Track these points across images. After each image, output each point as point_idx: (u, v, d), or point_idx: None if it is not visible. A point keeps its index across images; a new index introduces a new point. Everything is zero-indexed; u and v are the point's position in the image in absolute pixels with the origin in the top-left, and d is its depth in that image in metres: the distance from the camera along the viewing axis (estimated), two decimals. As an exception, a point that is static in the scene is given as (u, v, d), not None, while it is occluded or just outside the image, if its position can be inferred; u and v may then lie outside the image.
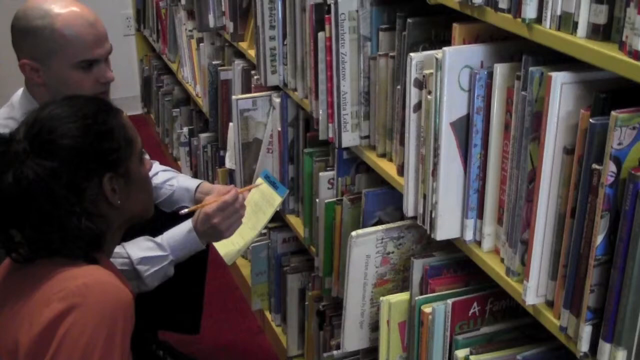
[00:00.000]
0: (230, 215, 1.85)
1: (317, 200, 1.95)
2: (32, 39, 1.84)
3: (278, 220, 2.36)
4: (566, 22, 1.06)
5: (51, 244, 1.42)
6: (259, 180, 2.02)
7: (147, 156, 1.63)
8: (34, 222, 1.41)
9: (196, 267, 2.35)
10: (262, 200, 1.97)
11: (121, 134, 1.51)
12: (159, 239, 1.84)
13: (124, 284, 1.45)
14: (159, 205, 2.26)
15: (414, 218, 1.49)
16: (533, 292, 1.22)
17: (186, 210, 1.85)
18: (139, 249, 1.81)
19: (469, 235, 1.39)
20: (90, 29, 1.87)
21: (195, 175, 3.39)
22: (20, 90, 1.98)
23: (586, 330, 1.10)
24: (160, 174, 2.28)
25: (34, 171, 1.38)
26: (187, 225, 1.86)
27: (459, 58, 1.28)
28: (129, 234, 1.72)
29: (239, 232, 1.97)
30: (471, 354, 1.38)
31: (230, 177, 2.77)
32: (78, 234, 1.41)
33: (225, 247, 1.99)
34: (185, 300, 2.41)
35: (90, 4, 1.91)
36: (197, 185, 2.19)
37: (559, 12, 1.07)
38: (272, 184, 1.96)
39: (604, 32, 1.02)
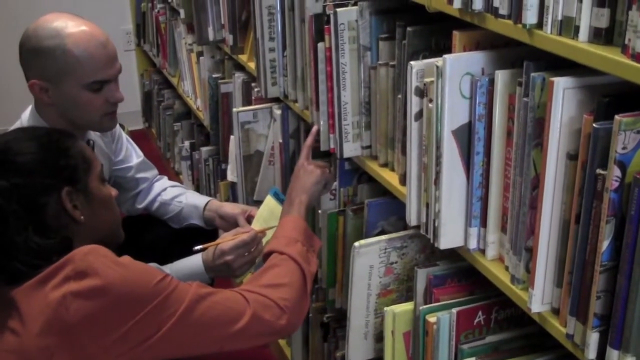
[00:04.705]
0: (244, 255, 1.85)
1: (319, 211, 1.95)
2: (42, 59, 1.81)
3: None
4: (567, 26, 1.06)
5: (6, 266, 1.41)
6: (267, 198, 2.01)
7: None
8: None
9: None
10: (270, 217, 1.96)
11: (77, 152, 1.53)
12: (167, 268, 1.83)
13: None
14: (168, 221, 2.26)
15: (417, 227, 1.48)
16: (538, 299, 1.21)
17: (200, 247, 1.85)
18: None
19: (472, 244, 1.38)
20: (101, 49, 1.84)
21: (197, 189, 3.38)
22: (29, 109, 1.97)
23: (593, 338, 1.09)
24: (169, 190, 2.28)
25: None
26: (197, 259, 1.86)
27: (459, 65, 1.28)
28: (141, 249, 1.72)
29: None
30: (477, 363, 1.37)
31: (232, 190, 2.76)
32: (27, 249, 1.39)
33: None
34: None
35: (90, 19, 1.89)
36: (205, 203, 2.20)
37: (560, 17, 1.06)
38: (281, 201, 1.96)
39: (606, 35, 1.01)
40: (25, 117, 1.95)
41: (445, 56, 1.27)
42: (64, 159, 1.50)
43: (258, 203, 2.10)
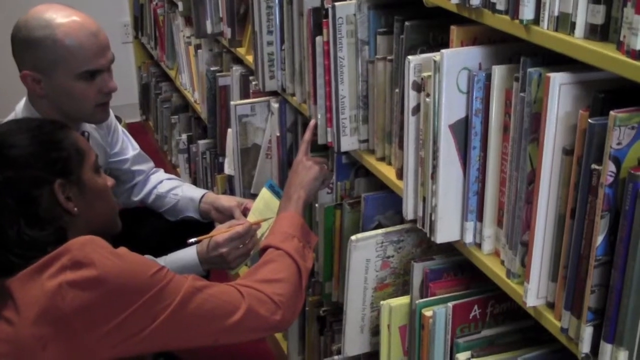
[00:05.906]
0: (238, 248, 1.85)
1: (316, 205, 1.95)
2: (33, 50, 1.82)
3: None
4: (564, 22, 1.06)
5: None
6: (263, 190, 2.02)
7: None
8: None
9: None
10: (266, 210, 1.97)
11: (70, 144, 1.53)
12: (162, 260, 1.84)
13: None
14: (164, 214, 2.27)
15: (414, 221, 1.49)
16: (534, 293, 1.21)
17: (194, 239, 1.86)
18: None
19: (469, 238, 1.39)
20: (92, 38, 1.84)
21: (194, 182, 3.39)
22: (23, 101, 1.97)
23: (587, 331, 1.10)
24: (165, 182, 2.29)
25: None
26: (191, 251, 1.87)
27: (457, 60, 1.28)
28: (137, 241, 1.72)
29: None
30: (472, 357, 1.38)
31: (229, 184, 2.76)
32: (20, 242, 1.40)
33: None
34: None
35: (87, 12, 1.90)
36: (201, 195, 2.20)
37: (556, 13, 1.07)
38: (277, 193, 1.96)
39: (602, 32, 1.02)
40: (20, 108, 1.95)
41: (443, 51, 1.27)
42: (56, 151, 1.49)
43: (255, 196, 2.10)
